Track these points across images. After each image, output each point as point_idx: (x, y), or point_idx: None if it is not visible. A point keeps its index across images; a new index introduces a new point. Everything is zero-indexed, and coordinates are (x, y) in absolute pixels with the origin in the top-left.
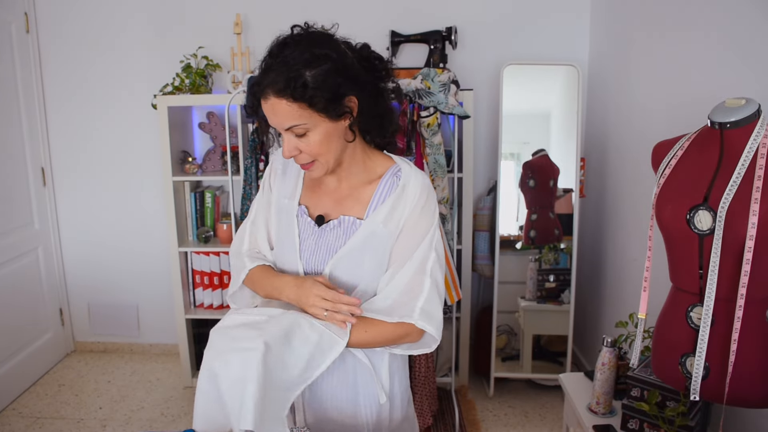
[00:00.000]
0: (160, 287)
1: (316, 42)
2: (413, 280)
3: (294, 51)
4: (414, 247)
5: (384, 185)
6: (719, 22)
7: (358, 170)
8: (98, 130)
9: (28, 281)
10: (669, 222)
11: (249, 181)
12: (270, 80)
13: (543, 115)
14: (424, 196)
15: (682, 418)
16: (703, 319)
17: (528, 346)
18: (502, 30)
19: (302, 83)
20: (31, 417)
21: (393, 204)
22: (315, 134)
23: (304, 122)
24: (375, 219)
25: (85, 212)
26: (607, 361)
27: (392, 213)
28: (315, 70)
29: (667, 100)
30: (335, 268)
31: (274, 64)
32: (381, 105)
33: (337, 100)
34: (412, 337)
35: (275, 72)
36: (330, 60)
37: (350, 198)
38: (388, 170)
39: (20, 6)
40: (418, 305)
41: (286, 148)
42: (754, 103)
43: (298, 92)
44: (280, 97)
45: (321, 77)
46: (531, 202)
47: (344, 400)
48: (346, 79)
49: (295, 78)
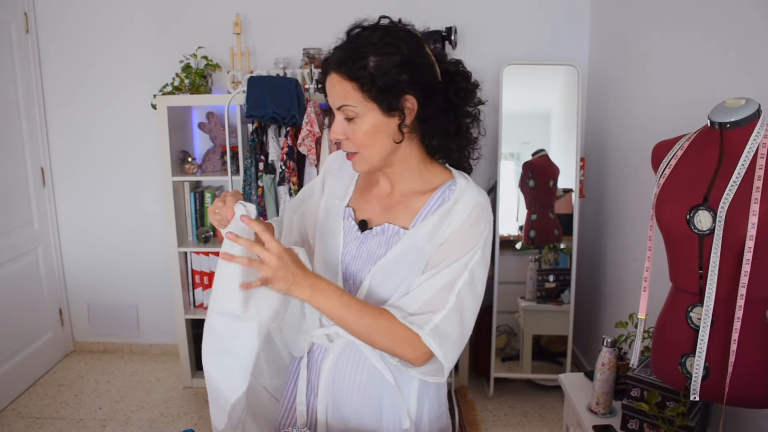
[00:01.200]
0: (159, 287)
1: (395, 34)
2: (438, 295)
3: (369, 34)
4: (450, 262)
5: (436, 198)
6: (719, 23)
7: (412, 178)
8: (98, 130)
9: (27, 281)
10: (669, 222)
11: (249, 181)
12: (335, 56)
13: (543, 115)
14: (475, 214)
15: (682, 419)
16: (703, 319)
17: (528, 347)
18: (502, 30)
19: (363, 64)
20: (30, 417)
21: (440, 219)
22: (363, 123)
23: (355, 105)
24: (419, 232)
25: (85, 212)
26: (607, 361)
27: (438, 228)
28: (381, 57)
29: (667, 100)
30: (374, 277)
31: (345, 42)
32: (451, 123)
33: (392, 93)
34: (414, 353)
35: (342, 49)
36: (400, 53)
37: (400, 206)
38: (444, 183)
39: (20, 6)
40: (433, 320)
41: (333, 128)
42: (754, 103)
43: (354, 70)
44: (338, 73)
45: (384, 65)
46: (531, 202)
47: (367, 418)
48: (411, 77)
49: (358, 57)
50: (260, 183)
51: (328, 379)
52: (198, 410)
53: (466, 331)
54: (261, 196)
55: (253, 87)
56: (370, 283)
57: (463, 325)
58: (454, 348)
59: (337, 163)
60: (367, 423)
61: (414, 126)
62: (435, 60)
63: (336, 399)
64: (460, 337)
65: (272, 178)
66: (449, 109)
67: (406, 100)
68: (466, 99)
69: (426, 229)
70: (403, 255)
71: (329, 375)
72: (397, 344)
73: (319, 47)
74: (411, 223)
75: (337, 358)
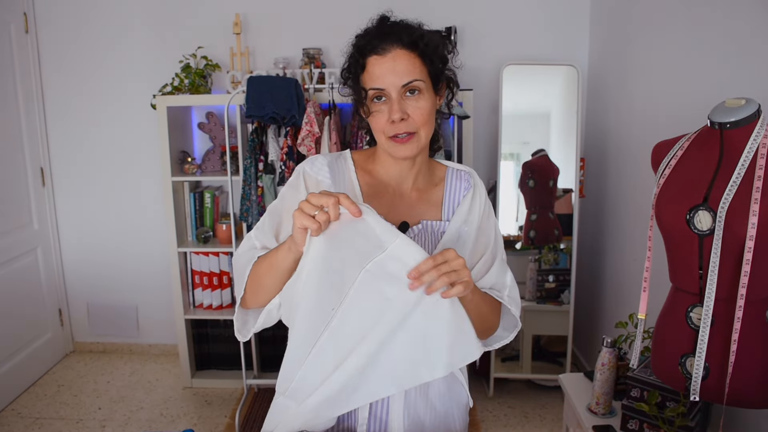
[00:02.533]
0: (159, 287)
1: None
2: (500, 275)
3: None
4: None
5: (451, 187)
6: (719, 22)
7: (425, 172)
8: (97, 130)
9: (27, 282)
10: (669, 222)
11: (248, 182)
12: (395, 35)
13: (543, 116)
14: (486, 198)
15: (682, 419)
16: (703, 319)
17: (528, 347)
18: (502, 30)
19: (429, 40)
20: (30, 417)
21: (470, 205)
22: (426, 99)
23: (422, 79)
24: (458, 219)
25: (84, 212)
26: (607, 361)
27: (469, 214)
28: (434, 36)
29: (667, 100)
30: None
31: (393, 25)
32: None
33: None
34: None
35: (399, 28)
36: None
37: (421, 202)
38: (446, 172)
39: (19, 6)
40: (505, 293)
41: (396, 108)
42: (754, 103)
43: (422, 46)
44: (408, 49)
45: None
46: (531, 202)
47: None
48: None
49: (423, 36)
50: (260, 183)
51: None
52: (198, 410)
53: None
54: (261, 197)
55: (253, 87)
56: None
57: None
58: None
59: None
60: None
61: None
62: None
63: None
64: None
65: (272, 178)
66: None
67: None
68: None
69: (462, 216)
70: (450, 245)
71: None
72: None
73: (318, 47)
74: (439, 214)
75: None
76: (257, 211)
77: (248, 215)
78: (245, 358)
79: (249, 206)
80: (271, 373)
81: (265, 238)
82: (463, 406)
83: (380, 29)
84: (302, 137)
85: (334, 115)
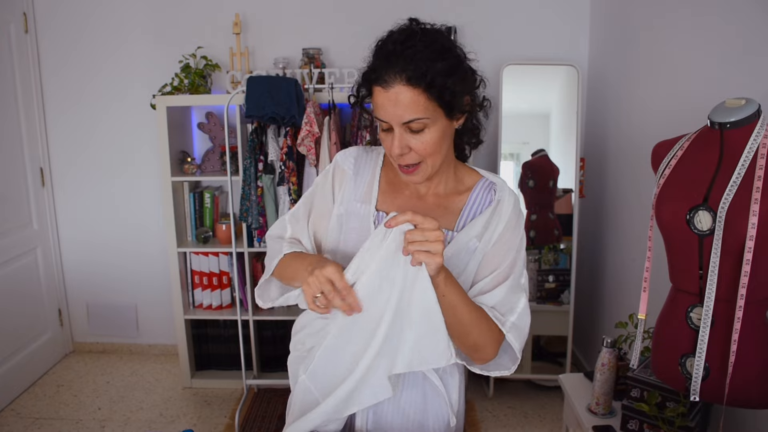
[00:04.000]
0: (158, 288)
1: (441, 36)
2: (509, 296)
3: (422, 41)
4: (508, 262)
5: (476, 197)
6: (719, 22)
7: (448, 179)
8: (97, 130)
9: (26, 282)
10: (669, 222)
11: (248, 182)
12: (399, 67)
13: (542, 116)
14: (515, 215)
15: (682, 419)
16: (702, 319)
17: (528, 347)
18: (501, 30)
19: (435, 72)
20: (29, 418)
21: (489, 218)
22: (432, 132)
23: (427, 116)
24: (470, 232)
25: (84, 212)
26: (607, 361)
27: (487, 227)
28: (445, 62)
29: (667, 100)
30: None
31: (401, 52)
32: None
33: (459, 96)
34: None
35: (405, 59)
36: (455, 54)
37: (439, 208)
38: (477, 182)
39: (19, 6)
40: (510, 319)
41: (396, 144)
42: (754, 103)
43: (428, 81)
44: (411, 86)
45: (452, 70)
46: (530, 202)
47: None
48: (466, 76)
49: (430, 68)
50: (259, 183)
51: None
52: (197, 411)
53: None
54: (260, 197)
55: (253, 87)
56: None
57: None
58: (524, 342)
59: (349, 164)
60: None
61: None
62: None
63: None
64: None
65: (272, 178)
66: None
67: (466, 100)
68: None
69: (476, 229)
70: (455, 256)
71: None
72: (486, 341)
73: (318, 47)
74: (454, 224)
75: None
76: (257, 211)
77: (248, 215)
78: (245, 358)
79: (249, 206)
80: (271, 373)
81: (297, 226)
82: (442, 423)
83: (387, 56)
84: (302, 137)
85: (333, 115)
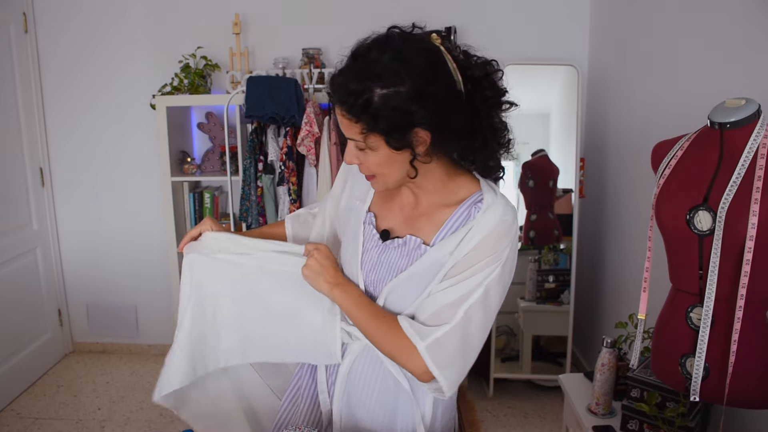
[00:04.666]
0: (158, 288)
1: (405, 57)
2: (447, 309)
3: (374, 60)
4: (467, 276)
5: (460, 213)
6: (719, 23)
7: (436, 190)
8: (97, 130)
9: (26, 282)
10: (669, 222)
11: (248, 182)
12: (338, 84)
13: (543, 116)
14: (499, 230)
15: (682, 419)
16: (702, 319)
17: (527, 347)
18: (502, 30)
19: (366, 100)
20: (29, 418)
21: (464, 235)
22: (374, 155)
23: (362, 141)
24: (443, 248)
25: (84, 213)
26: (607, 361)
27: (461, 243)
28: (386, 91)
29: (667, 100)
30: (392, 291)
31: (349, 67)
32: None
33: (400, 131)
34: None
35: (346, 76)
36: (408, 84)
37: (424, 218)
38: (470, 196)
39: (18, 6)
40: (435, 335)
41: (346, 154)
42: (754, 103)
43: (357, 111)
44: (341, 110)
45: (390, 101)
46: (530, 202)
47: (380, 423)
48: (420, 110)
49: (362, 91)
50: (259, 183)
51: (344, 379)
52: None
53: (470, 349)
54: (260, 197)
55: (253, 87)
56: (388, 295)
57: (467, 343)
58: (452, 365)
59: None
60: (379, 428)
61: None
62: (456, 68)
63: (351, 400)
64: (461, 354)
65: (271, 178)
66: (474, 119)
67: (416, 134)
68: (492, 108)
69: (449, 246)
70: (426, 271)
71: (345, 375)
72: (399, 354)
73: (318, 47)
74: (432, 237)
75: (355, 360)
76: (257, 211)
77: (248, 215)
78: None
79: (248, 206)
80: None
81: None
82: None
83: (330, 82)
84: (302, 137)
85: (333, 115)
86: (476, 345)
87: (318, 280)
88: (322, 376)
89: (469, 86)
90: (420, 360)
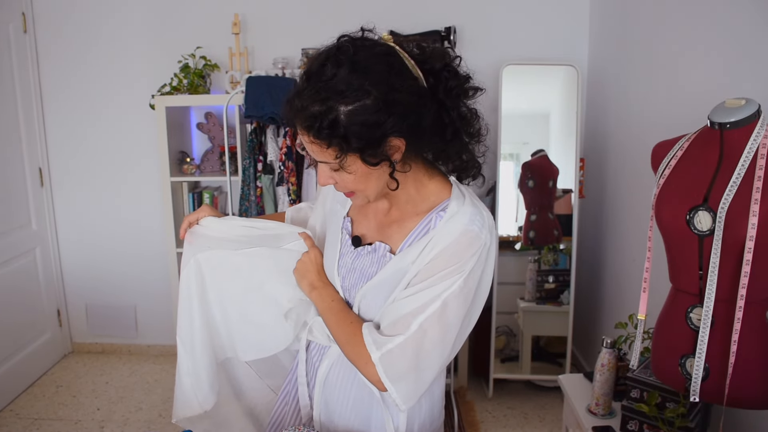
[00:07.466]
0: (158, 288)
1: (363, 68)
2: (403, 319)
3: (331, 77)
4: (425, 287)
5: (425, 222)
6: (719, 22)
7: (409, 197)
8: (96, 130)
9: (25, 282)
10: (669, 222)
11: (247, 182)
12: (297, 108)
13: (542, 116)
14: (462, 241)
15: (682, 420)
16: (702, 320)
17: (527, 347)
18: (501, 30)
19: (332, 120)
20: (28, 418)
21: (425, 244)
22: (349, 173)
23: (333, 162)
24: (405, 258)
25: (83, 213)
26: (607, 362)
27: (422, 253)
28: (353, 105)
29: (667, 100)
30: (364, 297)
31: (306, 88)
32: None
33: (375, 144)
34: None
35: (305, 98)
36: (373, 95)
37: (395, 225)
38: (439, 204)
39: (18, 6)
40: (388, 345)
41: (320, 176)
42: (754, 103)
43: (325, 133)
44: (308, 136)
45: (358, 117)
46: (530, 202)
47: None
48: (390, 118)
49: (325, 112)
50: (259, 183)
51: (321, 384)
52: None
53: (425, 366)
54: (260, 197)
55: (252, 87)
56: (360, 301)
57: (420, 358)
58: (404, 379)
59: None
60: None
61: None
62: (415, 64)
63: (328, 407)
64: (414, 369)
65: (271, 178)
66: (441, 113)
67: (390, 143)
68: (458, 97)
69: (411, 255)
70: (391, 278)
71: (323, 381)
72: (358, 362)
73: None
74: (399, 246)
75: (332, 366)
76: (256, 212)
77: (247, 215)
78: None
79: (248, 206)
80: None
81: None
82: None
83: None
84: None
85: None
86: (433, 361)
87: (302, 282)
88: (302, 379)
89: (431, 80)
90: (374, 369)
